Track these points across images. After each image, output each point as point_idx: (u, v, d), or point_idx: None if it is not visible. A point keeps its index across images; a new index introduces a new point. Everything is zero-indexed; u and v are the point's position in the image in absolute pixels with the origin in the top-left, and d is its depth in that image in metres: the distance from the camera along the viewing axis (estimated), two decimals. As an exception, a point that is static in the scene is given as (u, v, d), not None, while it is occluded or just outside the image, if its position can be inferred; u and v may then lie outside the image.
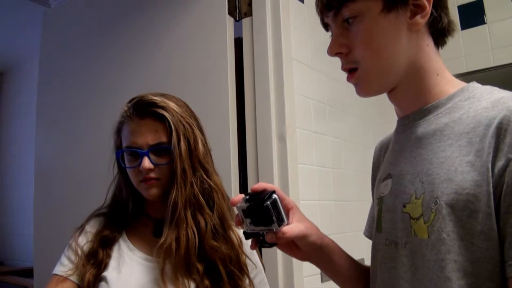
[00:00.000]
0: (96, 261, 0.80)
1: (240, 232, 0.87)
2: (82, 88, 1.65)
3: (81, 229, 0.88)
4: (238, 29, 1.32)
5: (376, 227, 0.66)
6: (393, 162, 0.64)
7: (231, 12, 1.30)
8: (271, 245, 0.61)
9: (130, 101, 0.86)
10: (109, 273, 0.79)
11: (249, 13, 1.32)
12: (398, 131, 0.66)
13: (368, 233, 0.78)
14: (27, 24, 2.64)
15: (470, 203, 0.50)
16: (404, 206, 0.57)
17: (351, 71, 0.62)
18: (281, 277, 1.17)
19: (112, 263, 0.81)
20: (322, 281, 1.31)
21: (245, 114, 1.28)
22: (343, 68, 0.63)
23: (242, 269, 0.82)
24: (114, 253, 0.83)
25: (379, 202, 0.65)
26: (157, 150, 0.82)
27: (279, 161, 1.22)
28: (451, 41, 0.62)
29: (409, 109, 0.62)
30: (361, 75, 0.61)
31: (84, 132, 1.60)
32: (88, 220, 0.91)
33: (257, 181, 1.23)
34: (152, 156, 0.81)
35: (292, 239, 0.61)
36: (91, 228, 0.88)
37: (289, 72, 1.27)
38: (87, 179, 1.56)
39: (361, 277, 0.71)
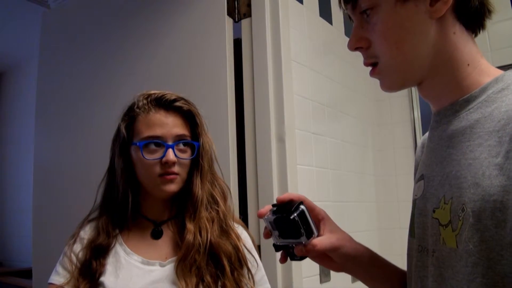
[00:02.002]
0: (90, 272, 0.79)
1: (240, 230, 0.88)
2: (81, 88, 1.65)
3: (75, 236, 0.86)
4: (237, 30, 1.33)
5: (409, 231, 0.61)
6: (426, 162, 0.59)
7: (230, 13, 1.31)
8: (301, 258, 0.58)
9: (148, 96, 0.85)
10: (106, 278, 0.78)
11: (248, 14, 1.32)
12: (432, 127, 0.60)
13: None
14: (27, 25, 2.64)
15: (497, 211, 0.44)
16: (434, 211, 0.53)
17: (373, 65, 0.57)
18: (280, 278, 1.17)
19: (109, 268, 0.80)
20: (321, 282, 1.31)
21: (244, 115, 1.28)
22: (365, 63, 0.59)
23: (242, 265, 0.82)
24: (110, 259, 0.81)
25: (413, 205, 0.60)
26: (182, 143, 0.82)
27: (278, 162, 1.22)
28: None
29: (440, 104, 0.57)
30: (382, 69, 0.56)
31: (84, 132, 1.60)
32: (81, 226, 0.89)
33: (256, 183, 1.23)
34: (175, 150, 0.81)
35: (322, 251, 0.58)
36: (85, 234, 0.86)
37: (288, 73, 1.27)
38: (86, 180, 1.56)
39: (398, 283, 0.66)
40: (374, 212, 1.73)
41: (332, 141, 1.52)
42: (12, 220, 3.19)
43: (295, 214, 0.55)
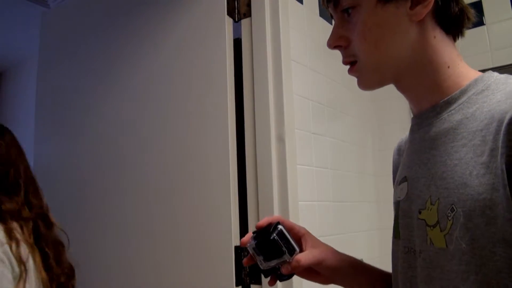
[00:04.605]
0: None
1: None
2: (81, 88, 1.65)
3: None
4: (237, 30, 1.32)
5: (394, 233, 0.62)
6: (409, 165, 0.60)
7: (230, 13, 1.30)
8: (289, 276, 0.60)
9: None
10: None
11: (248, 14, 1.32)
12: (412, 130, 0.62)
13: None
14: (26, 25, 2.64)
15: (487, 208, 0.45)
16: (420, 212, 0.54)
17: (352, 64, 0.59)
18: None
19: None
20: (321, 282, 1.31)
21: (244, 115, 1.28)
22: (343, 61, 0.60)
23: None
24: None
25: (396, 207, 0.62)
26: None
27: (278, 162, 1.21)
28: None
29: (421, 106, 0.58)
30: (360, 68, 0.58)
31: (83, 132, 1.60)
32: None
33: (256, 182, 1.23)
34: None
35: (307, 266, 0.59)
36: None
37: (288, 73, 1.27)
38: (86, 179, 1.56)
39: (385, 285, 0.67)
40: (374, 212, 1.73)
41: (332, 141, 1.52)
42: (12, 220, 3.19)
43: (274, 234, 0.58)
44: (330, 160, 1.49)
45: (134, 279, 1.35)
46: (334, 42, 0.59)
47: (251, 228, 1.21)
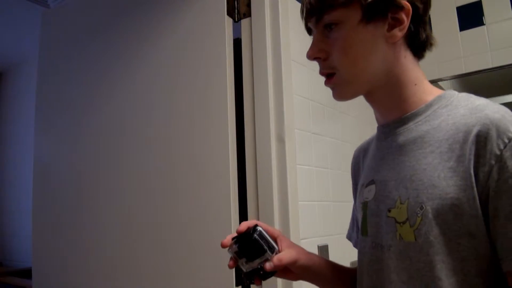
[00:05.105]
0: None
1: None
2: (81, 88, 1.65)
3: None
4: (237, 30, 1.32)
5: (361, 231, 0.68)
6: (376, 169, 0.67)
7: (230, 13, 1.30)
8: (271, 274, 0.65)
9: None
10: None
11: (248, 14, 1.32)
12: (379, 138, 0.69)
13: (349, 236, 0.85)
14: (27, 25, 2.64)
15: (454, 206, 0.52)
16: (389, 211, 0.60)
17: (329, 75, 0.64)
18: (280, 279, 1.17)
19: None
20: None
21: (244, 115, 1.28)
22: (321, 73, 0.66)
23: None
24: None
25: (364, 207, 0.68)
26: None
27: (278, 162, 1.22)
28: (449, 42, 0.63)
29: (389, 117, 0.65)
30: (337, 80, 0.63)
31: (83, 132, 1.60)
32: None
33: (256, 183, 1.23)
34: None
35: (287, 264, 0.65)
36: None
37: (288, 73, 1.27)
38: (86, 179, 1.56)
39: (349, 280, 0.75)
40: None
41: (332, 141, 1.52)
42: (12, 220, 3.19)
43: (255, 235, 0.63)
44: (330, 160, 1.50)
45: (134, 278, 1.35)
46: (314, 54, 0.64)
47: (251, 228, 1.21)
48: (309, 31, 0.69)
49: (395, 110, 0.64)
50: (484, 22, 1.62)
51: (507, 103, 1.54)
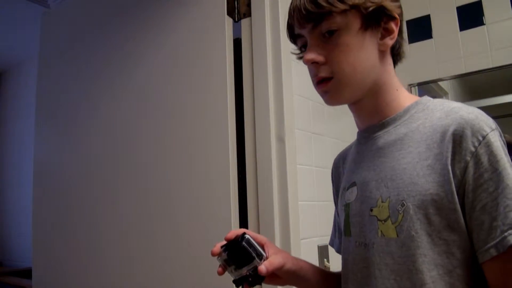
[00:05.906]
0: None
1: None
2: (81, 88, 1.65)
3: None
4: (237, 29, 1.32)
5: (344, 232, 0.71)
6: (356, 171, 0.70)
7: (230, 13, 1.30)
8: (260, 281, 0.66)
9: None
10: None
11: (248, 14, 1.32)
12: (360, 142, 0.73)
13: (331, 242, 0.87)
14: (27, 24, 2.64)
15: (434, 201, 0.56)
16: (371, 210, 0.63)
17: (324, 80, 0.65)
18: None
19: None
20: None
21: (244, 115, 1.28)
22: (318, 77, 0.66)
23: None
24: None
25: (346, 208, 0.70)
26: None
27: (278, 162, 1.22)
28: (450, 42, 0.65)
29: (369, 121, 0.69)
30: (334, 85, 0.64)
31: (84, 132, 1.60)
32: None
33: (256, 183, 1.23)
34: None
35: (276, 269, 0.66)
36: None
37: (288, 73, 1.27)
38: (85, 179, 1.56)
39: (333, 283, 0.78)
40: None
41: (332, 141, 1.52)
42: (12, 219, 3.19)
43: (243, 242, 0.65)
44: (330, 160, 1.49)
45: (134, 278, 1.35)
46: (314, 58, 0.64)
47: (251, 228, 1.21)
48: (294, 37, 0.69)
49: (376, 115, 0.68)
50: (484, 22, 1.62)
51: (507, 103, 1.53)
